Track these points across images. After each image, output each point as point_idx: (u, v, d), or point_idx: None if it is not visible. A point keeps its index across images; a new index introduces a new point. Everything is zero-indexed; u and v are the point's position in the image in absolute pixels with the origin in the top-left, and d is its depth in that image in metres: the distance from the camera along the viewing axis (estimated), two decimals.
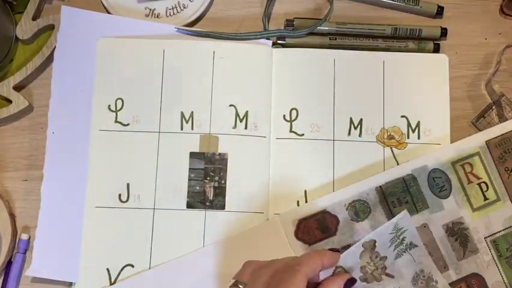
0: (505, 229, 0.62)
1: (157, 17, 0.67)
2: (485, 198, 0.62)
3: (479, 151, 0.63)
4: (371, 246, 0.58)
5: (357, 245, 0.56)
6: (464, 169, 0.63)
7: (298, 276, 0.48)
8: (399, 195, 0.62)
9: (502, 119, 0.65)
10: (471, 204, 0.62)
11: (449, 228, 0.62)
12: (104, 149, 0.63)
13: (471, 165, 0.63)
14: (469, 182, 0.62)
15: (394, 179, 0.62)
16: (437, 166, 0.62)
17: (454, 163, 0.62)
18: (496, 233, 0.62)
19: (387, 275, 0.59)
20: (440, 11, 0.68)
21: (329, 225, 0.61)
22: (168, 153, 0.63)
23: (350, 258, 0.56)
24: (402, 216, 0.58)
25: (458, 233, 0.62)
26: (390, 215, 0.61)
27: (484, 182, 0.63)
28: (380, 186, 0.62)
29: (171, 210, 0.62)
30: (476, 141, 0.63)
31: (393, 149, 0.64)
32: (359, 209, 0.61)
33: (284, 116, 0.65)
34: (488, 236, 0.62)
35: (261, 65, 0.65)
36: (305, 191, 0.63)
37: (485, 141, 0.63)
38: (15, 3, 0.66)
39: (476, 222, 0.62)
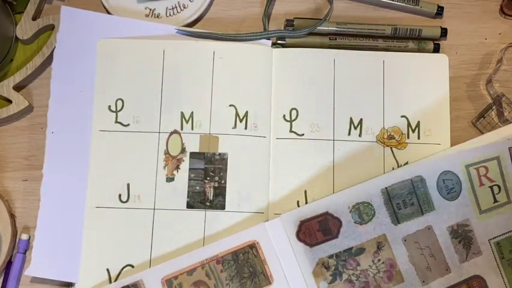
0: (510, 231, 0.62)
1: (157, 17, 0.67)
2: (495, 201, 0.62)
3: (499, 156, 0.62)
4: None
5: None
6: (478, 172, 0.62)
7: None
8: (405, 197, 0.61)
9: (502, 119, 0.65)
10: (479, 207, 0.62)
11: (454, 231, 0.61)
12: (104, 150, 0.63)
13: (486, 168, 0.62)
14: (481, 184, 0.62)
15: (401, 180, 0.61)
16: (449, 168, 0.62)
17: (468, 166, 0.62)
18: (501, 235, 0.62)
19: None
20: (440, 11, 0.68)
21: (331, 227, 0.61)
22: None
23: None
24: None
25: (462, 235, 0.62)
26: (395, 217, 0.61)
27: (497, 185, 0.62)
28: (385, 188, 0.61)
29: (171, 210, 0.62)
30: (499, 147, 0.62)
31: (393, 149, 0.64)
32: (363, 212, 0.61)
33: (284, 116, 0.65)
34: (493, 238, 0.62)
35: (261, 65, 0.65)
36: (305, 191, 0.63)
37: (509, 148, 0.62)
38: (15, 3, 0.66)
39: (481, 224, 0.62)
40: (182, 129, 0.64)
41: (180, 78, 0.64)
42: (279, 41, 0.67)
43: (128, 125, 0.64)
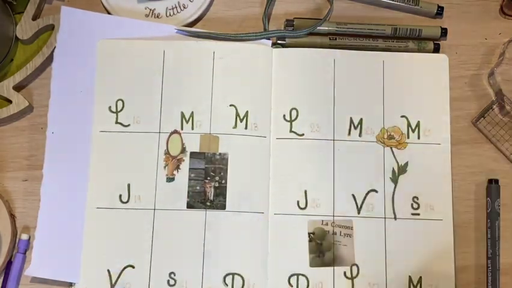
0: None
1: (157, 17, 0.67)
2: None
3: None
4: None
5: None
6: None
7: None
8: None
9: (503, 112, 0.65)
10: None
11: None
12: (104, 150, 0.63)
13: None
14: None
15: None
16: None
17: None
18: None
19: None
20: (440, 11, 0.68)
21: None
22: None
23: None
24: None
25: None
26: None
27: None
28: None
29: (171, 210, 0.62)
30: None
31: (393, 148, 0.64)
32: None
33: (284, 116, 0.65)
34: None
35: (261, 65, 0.65)
36: (305, 191, 0.63)
37: None
38: (15, 3, 0.66)
39: None
40: (182, 129, 0.64)
41: (180, 78, 0.64)
42: (279, 41, 0.67)
43: (128, 125, 0.64)
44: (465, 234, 0.64)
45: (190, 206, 0.62)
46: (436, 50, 0.67)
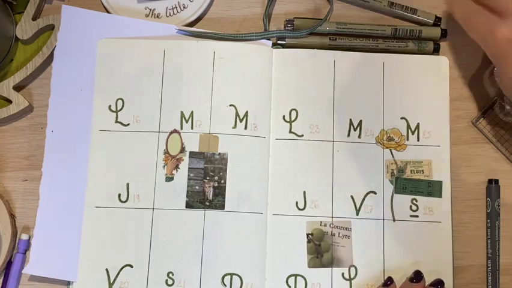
0: None
1: (157, 17, 0.67)
2: None
3: None
4: None
5: None
6: None
7: None
8: None
9: (504, 111, 0.65)
10: None
11: None
12: (104, 149, 0.63)
13: None
14: None
15: None
16: None
17: None
18: None
19: None
20: (437, 22, 0.67)
21: None
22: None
23: None
24: None
25: None
26: None
27: None
28: None
29: (170, 210, 0.62)
30: None
31: (393, 150, 0.64)
32: None
33: (284, 116, 0.65)
34: None
35: (261, 65, 0.65)
36: (304, 192, 0.63)
37: None
38: (15, 3, 0.66)
39: None
40: (182, 128, 0.64)
41: (180, 78, 0.65)
42: (279, 42, 0.67)
43: (128, 124, 0.64)
44: (465, 235, 0.64)
45: (189, 205, 0.62)
46: (436, 50, 0.67)
